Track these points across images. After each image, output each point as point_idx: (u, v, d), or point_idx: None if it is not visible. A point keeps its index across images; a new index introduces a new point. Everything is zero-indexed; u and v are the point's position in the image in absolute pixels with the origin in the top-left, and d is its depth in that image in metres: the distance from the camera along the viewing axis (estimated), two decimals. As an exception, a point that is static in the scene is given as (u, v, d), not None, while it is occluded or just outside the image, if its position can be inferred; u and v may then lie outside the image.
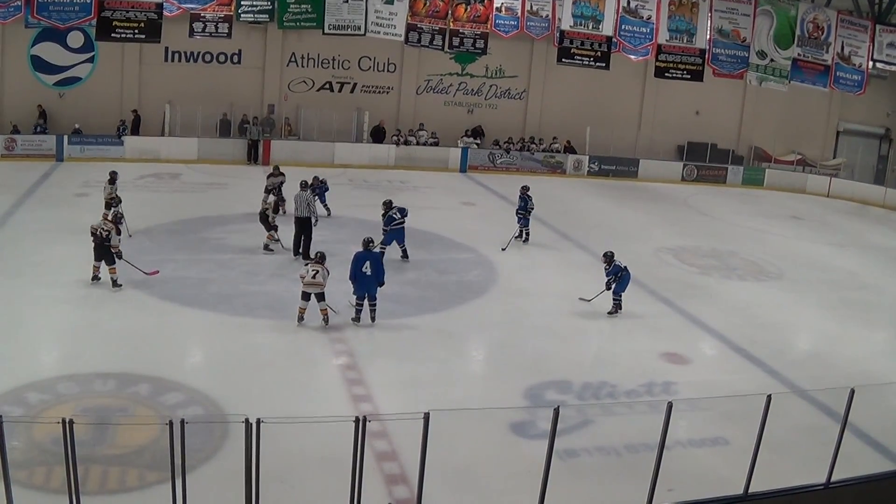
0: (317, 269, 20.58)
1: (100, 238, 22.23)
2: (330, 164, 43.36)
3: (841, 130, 54.83)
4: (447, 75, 49.57)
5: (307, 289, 20.64)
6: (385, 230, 26.87)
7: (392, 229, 26.79)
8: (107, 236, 22.21)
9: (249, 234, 27.82)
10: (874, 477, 14.35)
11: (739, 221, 39.16)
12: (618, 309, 23.73)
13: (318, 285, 20.59)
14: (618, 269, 23.51)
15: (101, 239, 22.23)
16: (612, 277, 23.52)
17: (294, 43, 46.29)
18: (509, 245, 29.58)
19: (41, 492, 12.80)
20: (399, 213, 26.93)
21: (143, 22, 31.26)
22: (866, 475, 14.26)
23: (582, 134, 49.16)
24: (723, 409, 16.89)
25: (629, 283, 23.82)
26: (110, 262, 22.43)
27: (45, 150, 40.14)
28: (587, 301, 23.95)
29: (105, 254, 22.35)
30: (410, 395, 17.42)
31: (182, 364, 18.79)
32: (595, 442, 16.11)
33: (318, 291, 20.67)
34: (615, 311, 23.72)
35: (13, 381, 16.51)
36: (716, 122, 51.58)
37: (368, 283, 21.37)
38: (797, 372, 20.51)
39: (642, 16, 36.01)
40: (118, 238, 22.68)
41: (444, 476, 13.37)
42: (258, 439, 10.54)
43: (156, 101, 43.64)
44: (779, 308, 26.12)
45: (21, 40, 41.52)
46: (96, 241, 22.29)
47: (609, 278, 23.54)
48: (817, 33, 37.41)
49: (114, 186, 28.42)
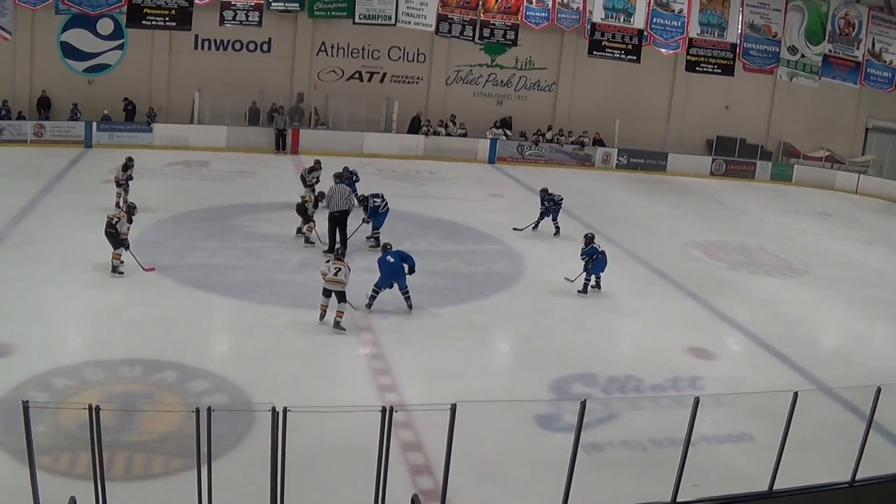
0: (339, 267, 20.19)
1: (109, 223, 22.30)
2: (359, 154, 43.35)
3: (870, 127, 54.36)
4: (477, 66, 49.51)
5: (328, 286, 20.30)
6: (368, 221, 27.16)
7: (380, 214, 27.01)
8: (116, 223, 22.24)
9: (277, 223, 27.86)
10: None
11: (767, 217, 38.97)
12: (587, 289, 24.12)
13: (339, 283, 20.19)
14: (594, 251, 24.02)
15: (109, 224, 22.28)
16: (587, 259, 24.02)
17: (324, 32, 46.33)
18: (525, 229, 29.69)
19: (66, 477, 12.85)
20: (378, 199, 27.08)
21: (173, 9, 31.35)
22: (892, 474, 14.12)
23: (611, 127, 48.88)
24: (748, 406, 16.80)
25: (605, 266, 24.26)
26: (116, 247, 22.44)
27: (73, 136, 40.31)
28: (570, 281, 24.24)
29: (111, 238, 22.38)
30: (436, 385, 17.43)
31: (209, 351, 18.89)
32: (620, 436, 16.08)
33: (339, 290, 20.26)
34: (584, 291, 24.13)
35: (40, 367, 16.61)
36: (745, 117, 51.27)
37: (395, 273, 21.40)
38: (823, 369, 20.40)
39: (673, 9, 35.88)
40: (127, 226, 22.65)
41: (468, 467, 13.37)
42: (284, 428, 10.54)
43: (185, 88, 43.69)
44: (806, 305, 25.98)
45: (51, 27, 41.70)
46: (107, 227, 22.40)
47: (584, 259, 24.00)
48: (848, 29, 37.19)
49: (126, 173, 28.48)
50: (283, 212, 27.70)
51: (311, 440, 13.48)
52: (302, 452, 12.42)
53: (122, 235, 22.38)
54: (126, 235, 22.52)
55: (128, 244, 22.59)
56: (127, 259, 22.64)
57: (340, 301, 20.23)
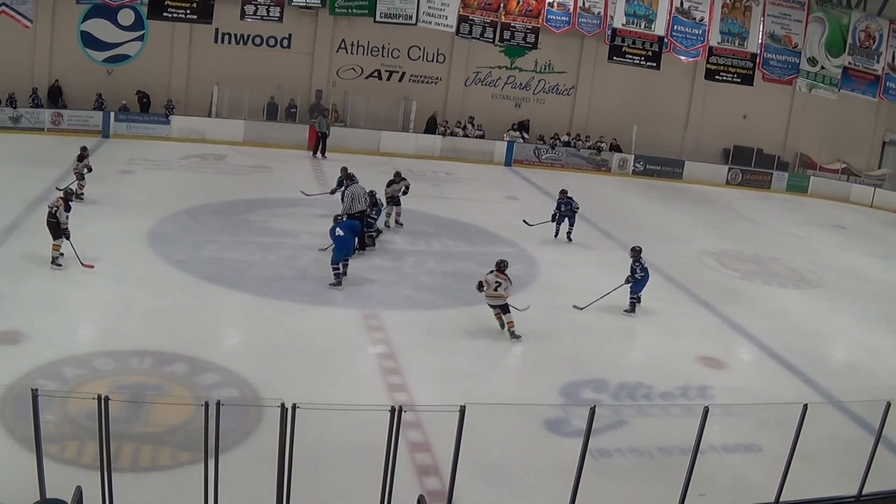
0: (499, 281, 20.19)
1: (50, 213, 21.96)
2: (375, 153, 43.55)
3: (887, 141, 54.19)
4: (496, 68, 49.49)
5: (491, 301, 20.37)
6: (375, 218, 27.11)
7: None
8: (55, 211, 21.87)
9: (293, 219, 27.93)
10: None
11: (782, 228, 38.92)
12: (634, 308, 23.72)
13: (499, 298, 20.25)
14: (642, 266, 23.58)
15: (50, 214, 21.95)
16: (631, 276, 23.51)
17: (344, 29, 46.37)
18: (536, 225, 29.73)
19: (73, 466, 12.88)
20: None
21: (195, 2, 31.44)
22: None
23: (628, 133, 48.91)
24: (758, 416, 16.79)
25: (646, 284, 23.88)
26: (55, 237, 21.93)
27: (91, 125, 40.49)
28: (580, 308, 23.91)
29: (52, 228, 21.89)
30: (446, 386, 17.45)
31: (219, 345, 18.94)
32: (629, 443, 16.05)
33: (500, 304, 20.33)
34: (632, 311, 23.70)
35: (50, 355, 16.68)
36: (762, 127, 51.19)
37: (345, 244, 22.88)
38: (834, 382, 20.34)
39: (695, 17, 35.83)
40: (66, 215, 22.07)
41: (476, 469, 13.41)
42: (293, 424, 10.55)
43: (204, 82, 43.89)
44: (818, 317, 25.92)
45: (72, 16, 41.90)
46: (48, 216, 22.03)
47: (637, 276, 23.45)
48: (868, 42, 37.11)
49: (81, 163, 28.61)
50: (297, 207, 27.77)
51: (320, 437, 13.52)
52: (310, 449, 12.45)
53: (62, 225, 21.90)
54: (66, 225, 22.02)
55: (68, 234, 22.06)
56: (66, 251, 22.17)
57: (505, 313, 20.30)
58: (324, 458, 13.76)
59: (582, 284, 25.57)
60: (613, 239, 31.60)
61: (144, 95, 43.10)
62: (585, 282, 25.83)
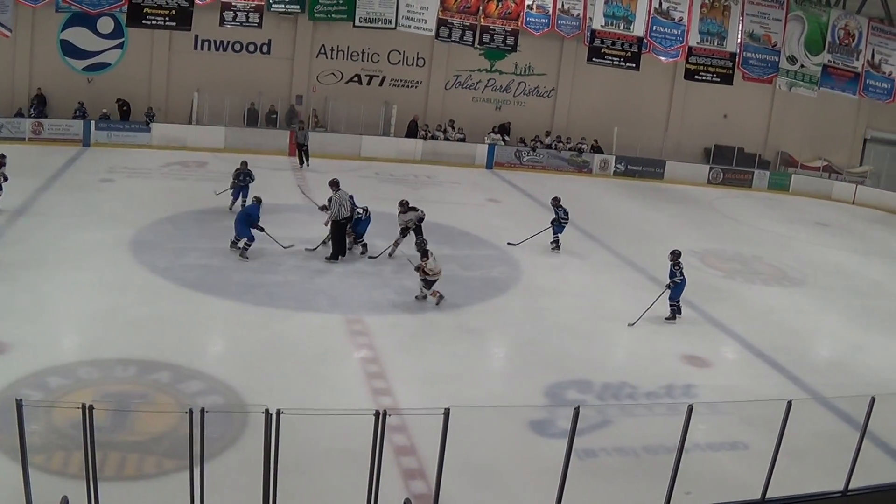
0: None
1: None
2: (356, 157, 43.48)
3: (868, 138, 54.44)
4: (476, 71, 49.53)
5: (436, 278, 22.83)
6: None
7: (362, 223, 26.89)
8: None
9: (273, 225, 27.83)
10: (893, 486, 14.28)
11: (764, 226, 39.02)
12: (675, 316, 23.74)
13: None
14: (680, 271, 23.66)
15: None
16: (671, 281, 23.61)
17: (324, 34, 46.36)
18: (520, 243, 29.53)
19: (58, 476, 12.85)
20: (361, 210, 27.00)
21: (173, 9, 31.25)
22: (885, 483, 14.18)
23: (609, 134, 48.99)
24: (743, 414, 16.86)
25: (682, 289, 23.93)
26: None
27: (71, 134, 40.32)
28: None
29: None
30: (430, 390, 17.43)
31: (203, 352, 18.87)
32: (614, 442, 16.08)
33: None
34: (672, 318, 23.70)
35: (34, 365, 16.61)
36: (743, 126, 51.41)
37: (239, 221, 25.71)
38: (818, 379, 20.43)
39: (674, 17, 35.83)
40: None
41: (462, 472, 13.43)
42: (278, 430, 10.55)
43: (184, 89, 43.76)
44: (801, 314, 26.02)
45: (51, 25, 41.73)
46: None
47: (676, 281, 23.59)
48: (848, 40, 37.14)
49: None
50: (279, 214, 27.70)
51: (305, 443, 13.47)
52: (295, 455, 12.39)
53: None
54: None
55: None
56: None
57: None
58: (310, 463, 13.73)
59: (565, 286, 25.66)
60: (596, 240, 31.64)
61: (125, 103, 42.94)
62: (568, 283, 25.95)
